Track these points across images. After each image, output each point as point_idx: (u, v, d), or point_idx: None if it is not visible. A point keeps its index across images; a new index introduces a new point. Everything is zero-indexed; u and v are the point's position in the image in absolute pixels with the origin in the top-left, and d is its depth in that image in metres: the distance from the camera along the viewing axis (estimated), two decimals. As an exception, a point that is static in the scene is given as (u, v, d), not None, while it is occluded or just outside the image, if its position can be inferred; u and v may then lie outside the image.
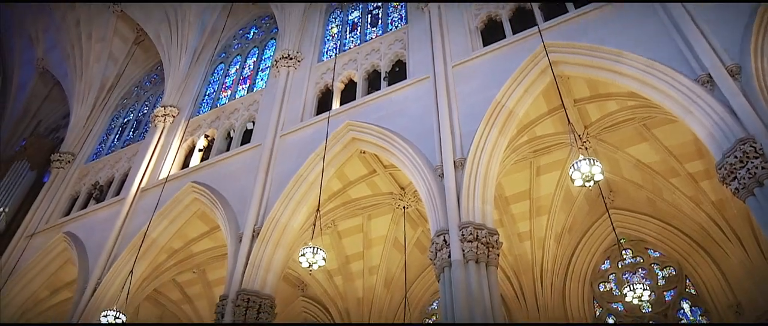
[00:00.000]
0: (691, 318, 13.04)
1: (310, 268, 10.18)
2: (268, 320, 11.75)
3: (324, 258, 10.05)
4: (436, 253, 9.96)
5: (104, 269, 14.47)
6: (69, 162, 19.75)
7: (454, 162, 10.92)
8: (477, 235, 9.73)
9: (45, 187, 19.18)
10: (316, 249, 9.96)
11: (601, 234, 14.75)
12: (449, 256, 9.61)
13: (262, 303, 11.75)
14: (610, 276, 14.56)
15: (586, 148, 9.20)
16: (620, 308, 13.97)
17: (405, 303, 14.38)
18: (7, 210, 18.17)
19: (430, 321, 16.22)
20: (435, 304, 16.27)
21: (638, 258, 14.45)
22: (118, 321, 11.48)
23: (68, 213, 17.83)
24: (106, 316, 11.41)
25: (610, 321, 13.93)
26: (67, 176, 19.19)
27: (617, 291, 14.07)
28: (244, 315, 11.42)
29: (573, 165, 8.35)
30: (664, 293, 13.66)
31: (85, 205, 17.74)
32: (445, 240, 9.87)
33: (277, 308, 12.26)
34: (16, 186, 19.59)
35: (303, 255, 9.99)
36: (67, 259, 16.38)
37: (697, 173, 12.87)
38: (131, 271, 12.49)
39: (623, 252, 14.41)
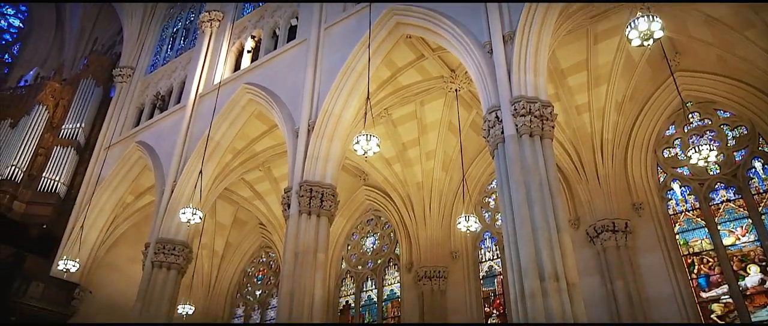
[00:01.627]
0: (764, 176, 12.55)
1: (366, 155, 10.42)
2: (331, 208, 12.37)
3: (378, 145, 10.21)
4: (489, 131, 9.90)
5: (177, 172, 15.46)
6: (130, 75, 20.54)
7: (503, 36, 10.49)
8: (530, 109, 9.54)
9: (113, 102, 20.23)
10: (369, 136, 10.11)
11: (666, 100, 14.05)
12: (502, 132, 9.55)
13: (324, 192, 12.30)
14: (676, 142, 14.06)
15: (649, 9, 8.48)
16: (686, 172, 13.62)
17: (463, 184, 14.61)
18: (83, 125, 19.38)
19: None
20: (493, 183, 16.44)
21: (706, 121, 13.78)
22: (196, 217, 12.43)
23: (137, 123, 18.88)
24: (184, 213, 12.36)
25: (675, 186, 13.63)
26: (131, 89, 20.07)
27: (683, 155, 13.63)
28: (308, 205, 12.04)
29: (630, 23, 7.78)
30: (734, 153, 13.12)
31: (151, 115, 18.65)
32: (497, 116, 9.75)
33: (341, 197, 12.79)
34: (86, 103, 20.73)
35: (357, 142, 10.19)
36: (143, 166, 17.59)
37: (776, 21, 11.72)
38: (200, 172, 13.26)
39: (690, 115, 13.76)
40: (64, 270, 14.62)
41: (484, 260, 16.00)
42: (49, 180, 17.84)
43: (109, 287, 17.74)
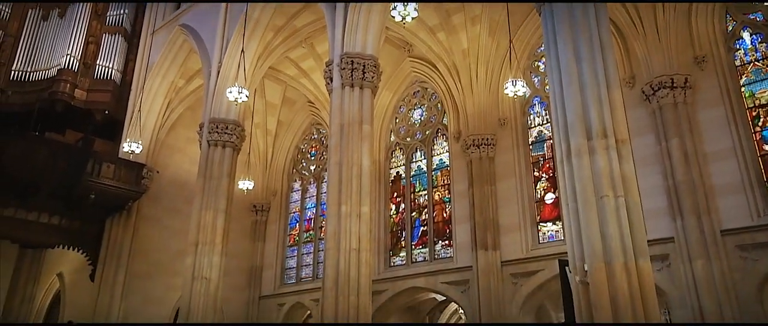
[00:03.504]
0: None
1: (404, 22, 10.07)
2: (373, 79, 12.25)
3: (416, 9, 9.79)
4: (535, -13, 9.21)
5: (221, 53, 15.58)
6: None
7: None
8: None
9: (153, -16, 20.02)
10: (406, 2, 9.67)
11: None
12: (549, -12, 8.85)
13: (365, 64, 12.15)
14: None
15: None
16: (759, 18, 12.41)
17: (510, 48, 13.94)
18: (127, 11, 19.47)
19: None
20: (543, 47, 15.62)
21: (788, -41, 12.25)
22: (242, 96, 12.64)
23: (179, 6, 18.78)
24: (230, 92, 12.59)
25: (745, 34, 12.52)
26: (169, -30, 19.74)
27: None
28: (350, 77, 11.97)
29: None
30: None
31: (190, -5, 18.45)
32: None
33: (386, 71, 12.59)
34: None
35: (394, 8, 9.81)
36: (189, 50, 17.78)
37: None
38: (242, 50, 13.25)
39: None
40: (130, 151, 15.56)
41: (533, 125, 15.75)
42: (103, 68, 18.41)
43: (173, 166, 18.87)
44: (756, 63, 12.27)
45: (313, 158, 21.59)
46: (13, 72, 17.89)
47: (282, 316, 19.42)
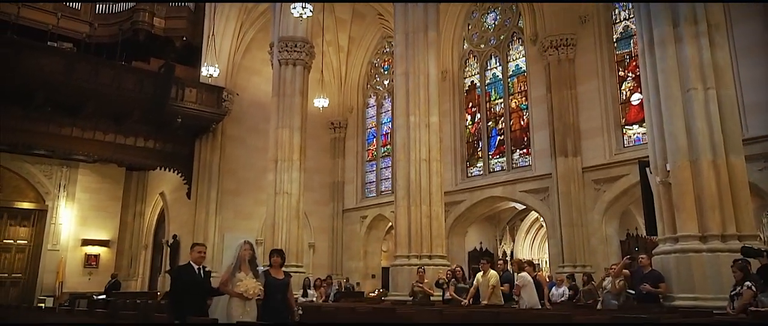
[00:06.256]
0: None
1: None
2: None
3: None
4: None
5: (284, -32, 15.28)
6: None
7: None
8: None
9: None
10: None
11: None
12: None
13: (429, -35, 11.47)
14: None
15: None
16: None
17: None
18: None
19: None
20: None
21: None
22: (306, 11, 12.42)
23: (241, -75, 18.52)
24: (294, 8, 12.41)
25: None
26: None
27: None
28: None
29: None
30: None
31: None
32: None
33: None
34: None
35: None
36: (255, -31, 17.63)
37: None
38: (303, -38, 12.88)
39: None
40: (208, 75, 16.07)
41: (618, 20, 14.43)
42: (176, -5, 18.88)
43: (251, 88, 19.43)
44: None
45: (386, 72, 21.34)
46: (97, 6, 18.79)
47: (364, 227, 20.19)
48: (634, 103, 13.61)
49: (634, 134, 13.65)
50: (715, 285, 6.71)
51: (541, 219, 16.34)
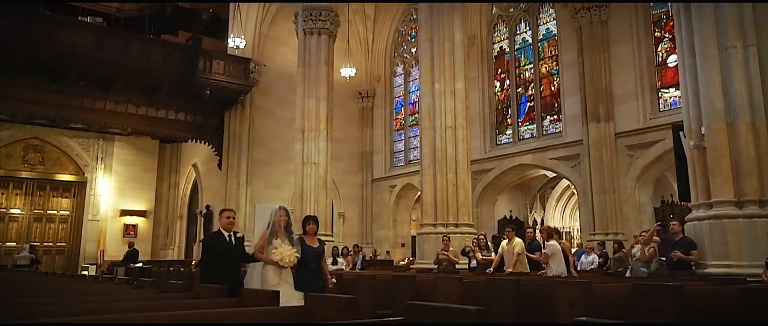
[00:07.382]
0: None
1: None
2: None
3: None
4: None
5: (307, -65, 15.02)
6: None
7: None
8: None
9: None
10: None
11: None
12: None
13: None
14: None
15: None
16: None
17: None
18: None
19: None
20: None
21: None
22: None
23: None
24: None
25: None
26: None
27: None
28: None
29: None
30: None
31: None
32: None
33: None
34: None
35: None
36: (279, -64, 17.39)
37: None
38: (325, -72, 12.64)
39: None
40: (235, 46, 16.12)
41: (655, -22, 13.76)
42: (202, -34, 18.84)
43: (278, 59, 19.40)
44: None
45: (413, 40, 20.98)
46: (125, -20, 18.98)
47: (393, 196, 20.21)
48: (671, 65, 13.04)
49: (670, 97, 13.13)
50: (750, 253, 6.47)
51: (572, 186, 16.03)
